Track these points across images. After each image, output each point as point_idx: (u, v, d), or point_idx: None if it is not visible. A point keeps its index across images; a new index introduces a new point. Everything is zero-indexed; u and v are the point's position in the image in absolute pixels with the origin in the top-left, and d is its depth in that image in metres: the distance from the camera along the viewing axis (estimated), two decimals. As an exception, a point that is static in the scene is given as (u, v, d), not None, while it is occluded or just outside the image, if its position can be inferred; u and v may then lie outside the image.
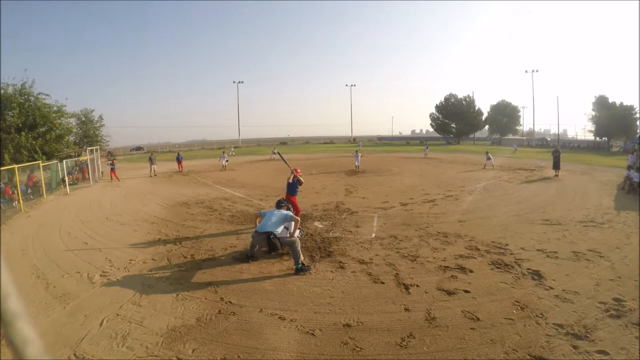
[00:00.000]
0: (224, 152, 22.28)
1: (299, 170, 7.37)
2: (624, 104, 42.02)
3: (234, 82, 66.37)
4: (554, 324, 3.56)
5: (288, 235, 5.40)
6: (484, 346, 3.22)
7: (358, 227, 7.34)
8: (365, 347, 3.26)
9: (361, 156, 19.31)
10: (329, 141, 77.55)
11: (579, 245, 5.84)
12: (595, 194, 10.62)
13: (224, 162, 21.32)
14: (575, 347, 3.17)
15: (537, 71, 58.02)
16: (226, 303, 4.15)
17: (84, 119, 32.00)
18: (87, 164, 16.77)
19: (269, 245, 5.06)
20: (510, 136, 70.29)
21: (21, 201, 10.35)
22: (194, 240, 6.65)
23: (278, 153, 8.75)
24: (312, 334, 3.52)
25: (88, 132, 31.76)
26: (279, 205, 5.59)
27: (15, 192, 10.48)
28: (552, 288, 4.32)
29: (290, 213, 5.41)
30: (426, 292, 4.29)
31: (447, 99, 63.31)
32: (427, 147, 29.40)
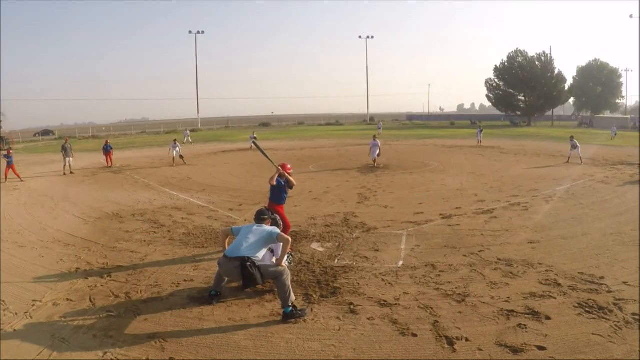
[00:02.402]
0: (175, 140, 22.28)
1: (288, 167, 7.36)
2: None
3: (190, 32, 66.33)
4: (673, 397, 3.56)
5: (273, 262, 5.39)
6: None
7: (377, 251, 7.34)
8: None
9: (381, 146, 19.30)
10: (335, 121, 77.83)
11: None
12: None
13: (175, 153, 21.31)
14: None
15: (647, 16, 57.92)
16: (179, 366, 4.14)
17: (-37, 88, 32.03)
18: (-31, 156, 16.73)
19: (244, 278, 5.05)
20: (607, 114, 70.44)
21: None
22: (130, 270, 6.64)
23: (254, 142, 8.68)
24: (309, 412, 3.51)
25: (-30, 108, 31.79)
26: (259, 219, 5.58)
27: None
28: (670, 343, 4.31)
29: (277, 230, 5.40)
30: (480, 350, 4.29)
31: (511, 59, 63.48)
32: (482, 131, 29.46)
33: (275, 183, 7.00)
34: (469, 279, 6.01)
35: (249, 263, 4.96)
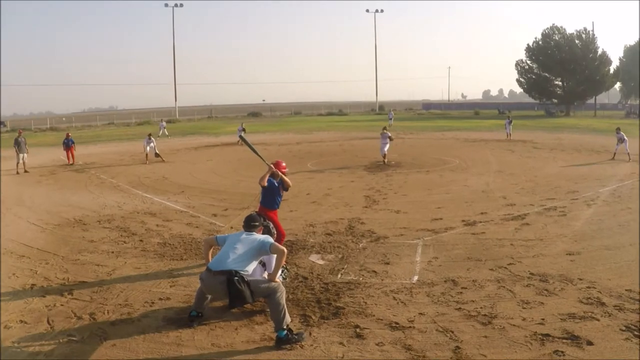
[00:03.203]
0: (150, 134, 22.32)
1: (283, 165, 7.36)
2: None
3: (166, 5, 66.33)
4: None
5: (265, 277, 5.37)
6: None
7: (388, 264, 7.35)
8: None
9: (391, 138, 19.29)
10: (337, 111, 77.86)
11: None
12: None
13: (149, 148, 21.38)
14: None
15: None
16: (153, 400, 4.15)
17: None
18: None
19: (231, 296, 5.04)
20: (659, 102, 70.18)
21: None
22: (95, 287, 6.64)
23: (241, 137, 8.70)
24: None
25: None
26: (248, 226, 5.58)
27: None
28: None
29: (270, 239, 5.40)
30: (510, 381, 4.28)
31: (547, 37, 63.43)
32: (511, 122, 29.48)
33: (266, 184, 7.00)
34: (497, 297, 6.01)
35: (236, 278, 4.95)
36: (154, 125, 45.71)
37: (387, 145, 18.70)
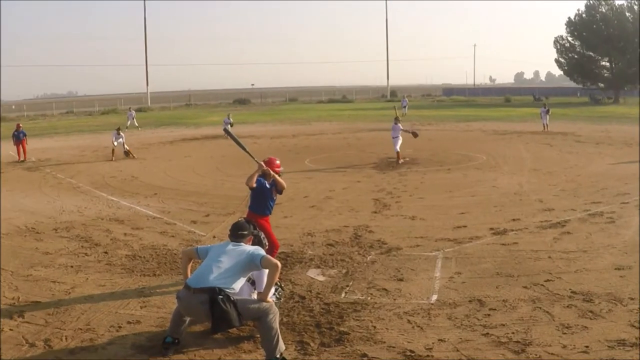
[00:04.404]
0: (119, 129, 22.36)
1: (277, 162, 7.34)
2: None
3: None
4: None
5: (254, 297, 5.36)
6: None
7: (401, 280, 7.35)
8: None
9: (403, 130, 19.27)
10: (341, 97, 77.85)
11: None
12: None
13: (116, 143, 21.47)
14: None
15: None
16: None
17: None
18: None
19: (214, 318, 5.04)
20: None
21: None
22: (51, 308, 6.62)
23: (226, 130, 8.75)
24: None
25: None
26: (236, 235, 5.57)
27: None
28: None
29: (260, 251, 5.40)
30: (547, 420, 4.29)
31: (591, 9, 63.46)
32: (548, 111, 29.49)
33: (255, 185, 6.96)
34: (532, 320, 6.00)
35: (220, 297, 4.94)
36: (122, 115, 45.76)
37: (400, 140, 18.61)
